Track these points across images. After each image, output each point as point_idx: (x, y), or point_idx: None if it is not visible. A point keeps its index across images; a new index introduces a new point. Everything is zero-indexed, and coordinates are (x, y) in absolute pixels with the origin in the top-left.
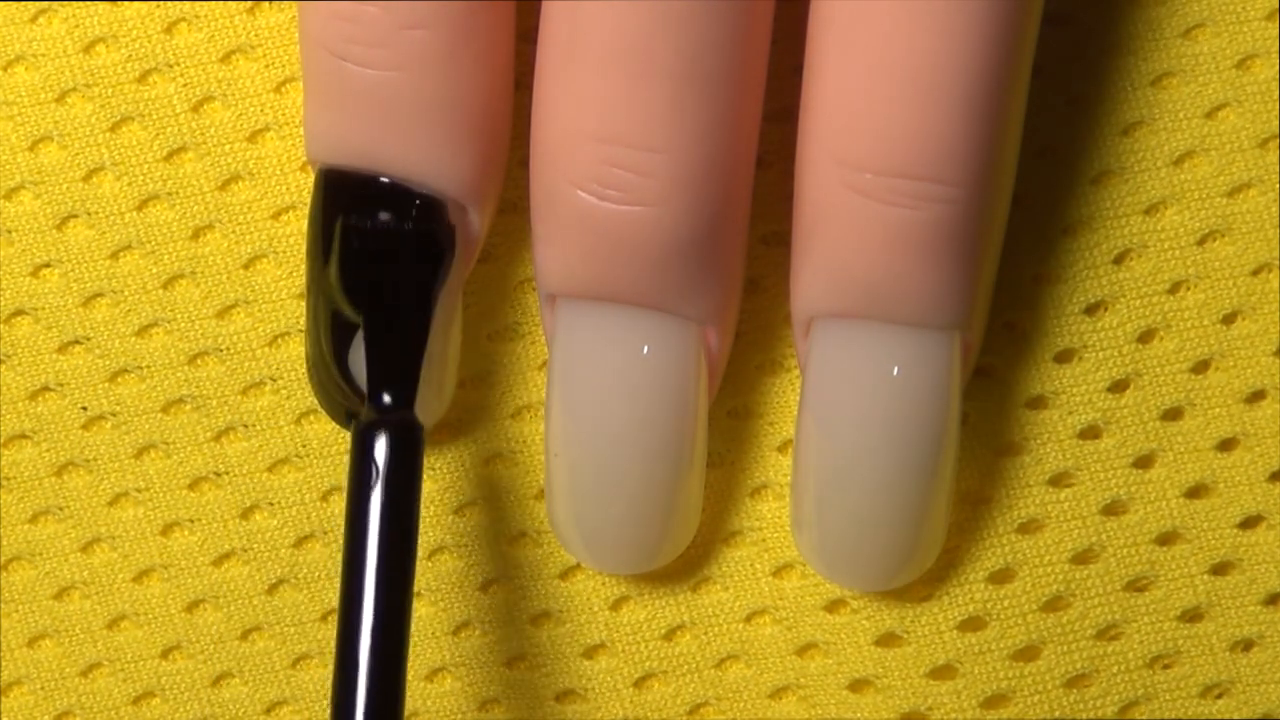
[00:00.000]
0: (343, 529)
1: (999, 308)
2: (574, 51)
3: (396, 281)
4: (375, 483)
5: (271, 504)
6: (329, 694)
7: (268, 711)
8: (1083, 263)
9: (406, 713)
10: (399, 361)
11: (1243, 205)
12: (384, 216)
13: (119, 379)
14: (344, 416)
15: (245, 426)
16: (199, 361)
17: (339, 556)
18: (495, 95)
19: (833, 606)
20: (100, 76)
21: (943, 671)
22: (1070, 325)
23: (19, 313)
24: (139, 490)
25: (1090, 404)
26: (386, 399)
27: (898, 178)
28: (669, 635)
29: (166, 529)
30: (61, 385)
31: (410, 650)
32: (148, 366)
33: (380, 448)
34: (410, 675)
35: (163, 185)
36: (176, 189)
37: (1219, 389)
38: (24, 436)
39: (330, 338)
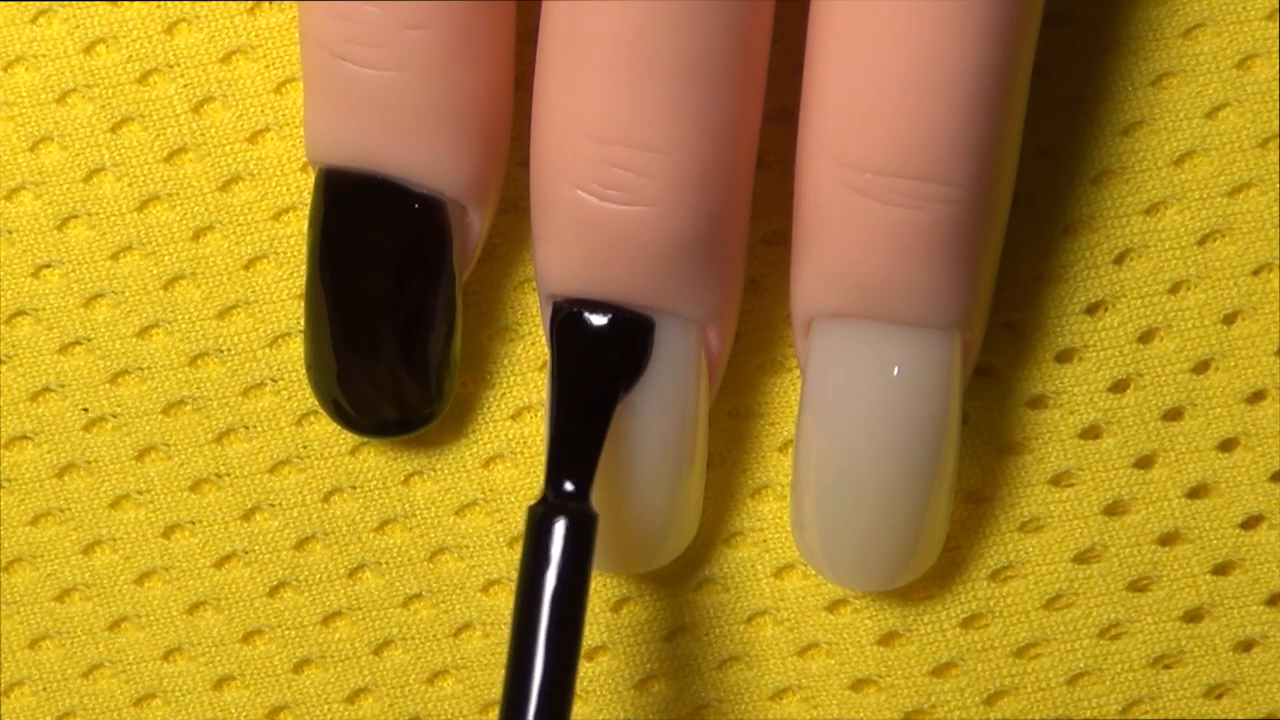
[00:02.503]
0: (511, 610)
1: (1000, 307)
2: (574, 51)
3: (400, 284)
4: (549, 569)
5: (273, 505)
6: (332, 700)
7: (269, 716)
8: (1083, 262)
9: (407, 716)
10: (582, 450)
11: (1243, 205)
12: (384, 216)
13: (120, 380)
14: (342, 417)
15: (246, 428)
16: (200, 362)
17: (340, 559)
18: (495, 95)
19: (834, 606)
20: (101, 77)
21: (945, 669)
22: (1071, 325)
23: (20, 313)
24: (140, 492)
25: (1091, 404)
26: (568, 486)
27: (898, 178)
28: (670, 637)
29: (168, 531)
30: (62, 386)
31: (411, 653)
32: (148, 368)
33: (558, 535)
34: (411, 678)
35: (163, 186)
36: (177, 190)
37: (1220, 389)
38: (25, 438)
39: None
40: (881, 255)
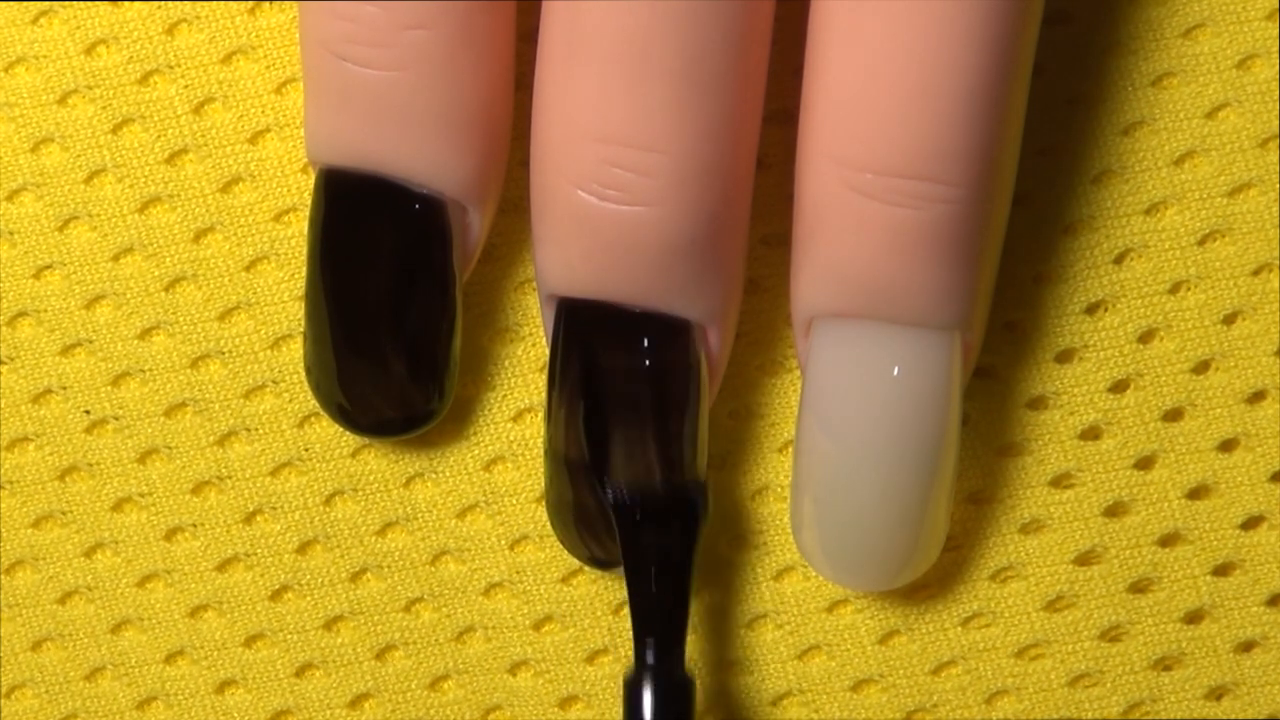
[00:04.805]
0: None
1: (999, 308)
2: (574, 51)
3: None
4: None
5: (274, 508)
6: (334, 704)
7: (271, 719)
8: (1083, 263)
9: (409, 719)
10: (670, 618)
11: (1243, 205)
12: (384, 216)
13: (121, 382)
14: (343, 417)
15: (248, 430)
16: (201, 364)
17: (342, 562)
18: (495, 95)
19: (834, 607)
20: (102, 78)
21: (946, 668)
22: (1071, 325)
23: (21, 315)
24: (142, 494)
25: (1091, 404)
26: (651, 656)
27: (898, 178)
28: None
29: (170, 533)
30: (64, 388)
31: (413, 657)
32: (150, 370)
33: (649, 703)
34: (413, 683)
35: (164, 187)
36: (178, 191)
37: (1220, 389)
38: (27, 440)
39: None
40: (882, 255)
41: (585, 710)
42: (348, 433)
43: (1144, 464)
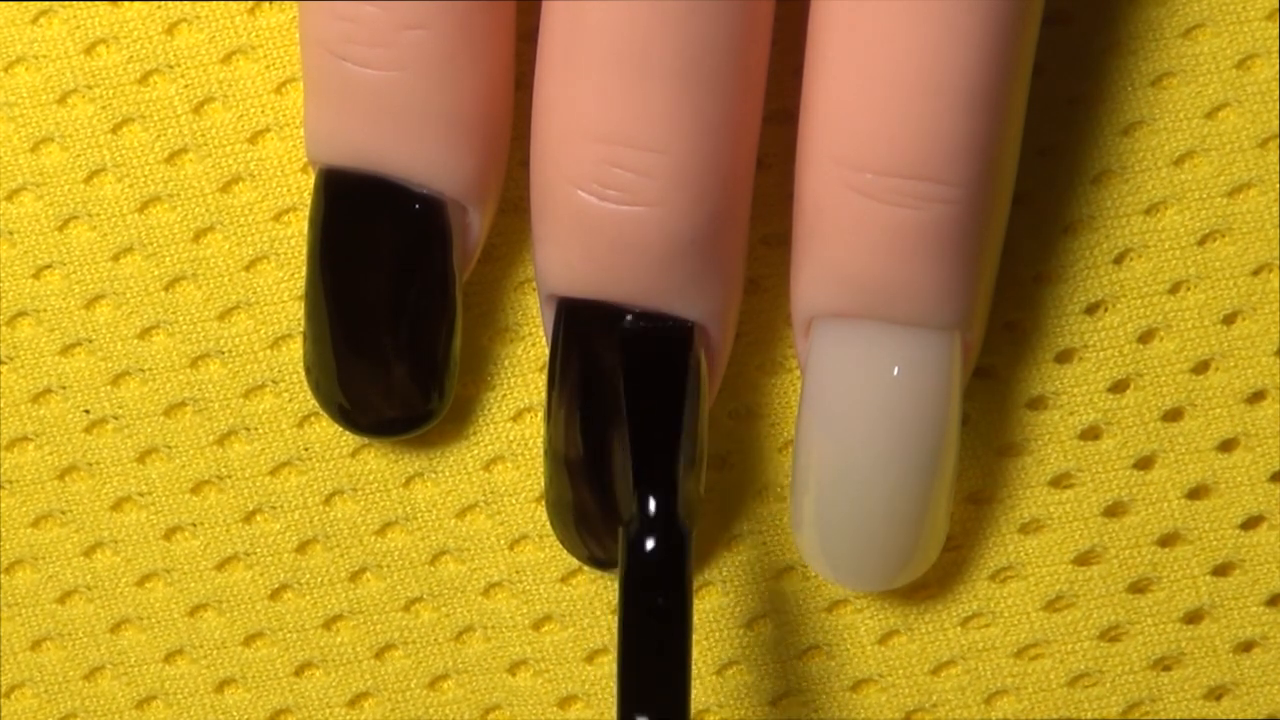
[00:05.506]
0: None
1: (999, 308)
2: (574, 51)
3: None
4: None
5: (274, 508)
6: (334, 703)
7: (270, 718)
8: (1083, 263)
9: (408, 718)
10: (662, 461)
11: (1243, 205)
12: (384, 216)
13: (121, 381)
14: (343, 417)
15: (247, 430)
16: (201, 364)
17: (342, 561)
18: (495, 95)
19: (834, 607)
20: (101, 78)
21: (946, 668)
22: (1071, 325)
23: (21, 314)
24: (141, 494)
25: (1091, 404)
26: (652, 505)
27: (898, 178)
28: None
29: (169, 533)
30: (64, 388)
31: (412, 656)
32: (150, 369)
33: (649, 552)
34: (412, 682)
35: (164, 187)
36: (178, 190)
37: (1219, 389)
38: (26, 439)
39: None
40: (882, 255)
41: (585, 710)
42: (347, 433)
43: (1144, 464)
